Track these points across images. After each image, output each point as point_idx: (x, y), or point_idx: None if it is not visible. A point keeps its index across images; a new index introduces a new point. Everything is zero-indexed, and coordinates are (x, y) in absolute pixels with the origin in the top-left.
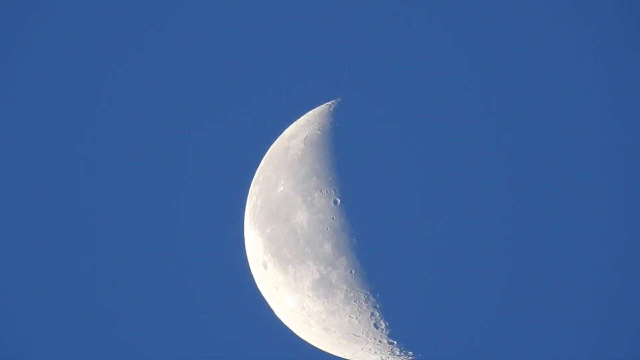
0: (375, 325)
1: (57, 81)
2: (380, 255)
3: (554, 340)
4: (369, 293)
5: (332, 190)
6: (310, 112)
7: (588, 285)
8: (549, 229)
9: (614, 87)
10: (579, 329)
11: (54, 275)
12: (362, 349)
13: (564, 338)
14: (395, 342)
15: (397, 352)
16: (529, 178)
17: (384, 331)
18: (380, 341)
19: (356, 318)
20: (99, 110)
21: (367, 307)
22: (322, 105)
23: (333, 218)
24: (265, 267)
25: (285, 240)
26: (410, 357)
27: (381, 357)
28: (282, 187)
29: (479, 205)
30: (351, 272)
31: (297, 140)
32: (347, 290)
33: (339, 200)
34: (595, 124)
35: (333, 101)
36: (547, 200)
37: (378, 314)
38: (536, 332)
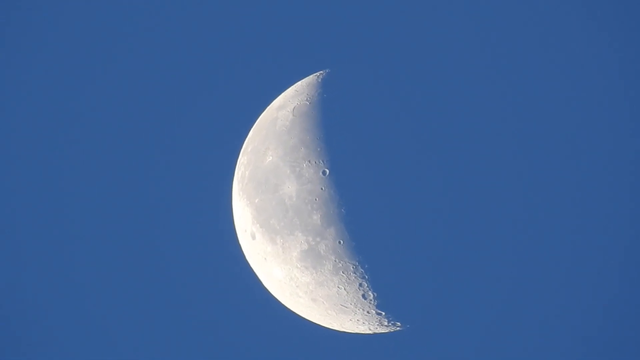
0: (363, 296)
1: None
2: (368, 226)
3: (542, 310)
4: (357, 264)
5: (321, 161)
6: (299, 83)
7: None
8: (534, 203)
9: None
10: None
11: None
12: (350, 320)
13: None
14: (384, 313)
15: (386, 323)
16: (521, 153)
17: (373, 302)
18: (368, 312)
19: (344, 289)
20: (80, 84)
21: (355, 277)
22: (311, 76)
23: (322, 189)
24: (254, 237)
25: (273, 211)
26: (398, 328)
27: (369, 328)
28: (271, 158)
29: (468, 175)
30: (340, 242)
31: (285, 111)
32: (335, 261)
33: (327, 171)
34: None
35: (321, 72)
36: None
37: (366, 285)
38: (524, 301)
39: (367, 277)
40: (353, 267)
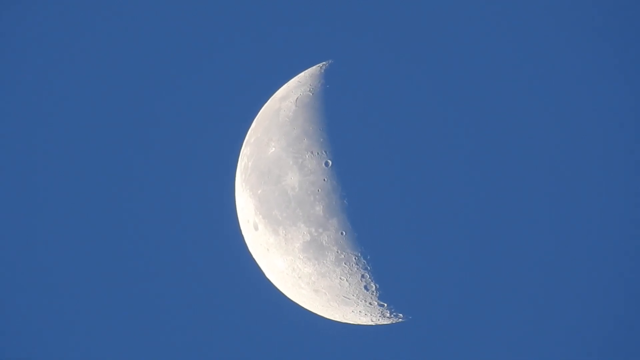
0: (365, 287)
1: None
2: (371, 217)
3: (545, 302)
4: (359, 255)
5: (324, 152)
6: (302, 74)
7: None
8: (537, 195)
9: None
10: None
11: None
12: (352, 311)
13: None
14: (386, 305)
15: (388, 315)
16: (520, 137)
17: (375, 293)
18: (370, 303)
19: (347, 280)
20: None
21: (357, 269)
22: (313, 67)
23: (324, 180)
24: (256, 228)
25: (276, 202)
26: (400, 320)
27: (371, 319)
28: (274, 149)
29: (471, 167)
30: (342, 233)
31: (288, 102)
32: (337, 252)
33: (330, 162)
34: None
35: (324, 63)
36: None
37: (369, 276)
38: (527, 293)
39: (369, 268)
40: (355, 259)
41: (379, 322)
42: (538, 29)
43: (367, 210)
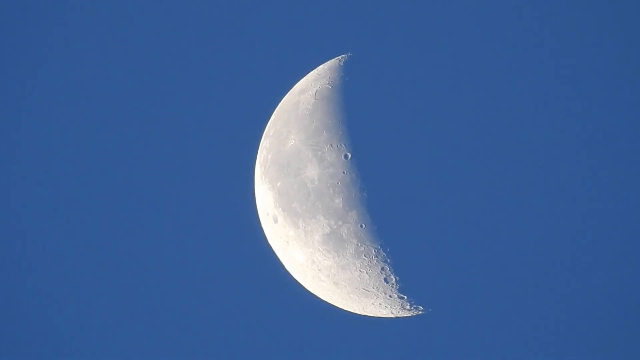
0: (385, 279)
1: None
2: (390, 209)
3: (567, 294)
4: (379, 247)
5: (343, 145)
6: (321, 67)
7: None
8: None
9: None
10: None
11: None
12: (372, 304)
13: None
14: (406, 297)
15: (408, 307)
16: (545, 132)
17: (395, 286)
18: (390, 296)
19: (366, 272)
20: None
21: (377, 261)
22: (333, 60)
23: (343, 172)
24: (276, 221)
25: (295, 195)
26: (420, 312)
27: (391, 312)
28: (293, 142)
29: (491, 156)
30: (361, 226)
31: (307, 95)
32: (357, 244)
33: (349, 155)
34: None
35: (343, 55)
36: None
37: (388, 269)
38: (549, 285)
39: (389, 260)
40: (375, 251)
41: (399, 315)
42: (575, 20)
43: (387, 202)
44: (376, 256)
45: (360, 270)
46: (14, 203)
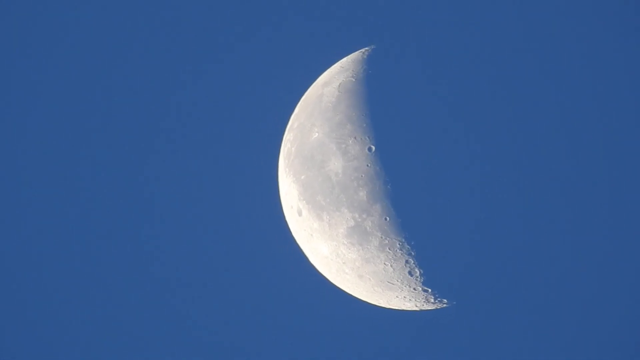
0: (409, 272)
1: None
2: (414, 202)
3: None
4: (403, 240)
5: (367, 138)
6: (344, 59)
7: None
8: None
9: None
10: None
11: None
12: (396, 297)
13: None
14: (430, 290)
15: (432, 300)
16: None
17: (419, 279)
18: (414, 289)
19: (391, 265)
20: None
21: (401, 254)
22: (356, 53)
23: (368, 165)
24: (300, 214)
25: (319, 187)
26: (444, 305)
27: (416, 305)
28: (317, 134)
29: (514, 149)
30: (386, 219)
31: (331, 88)
32: (381, 237)
33: (373, 148)
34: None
35: (367, 48)
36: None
37: (413, 262)
38: (574, 281)
39: (413, 254)
40: (399, 244)
41: (423, 308)
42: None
43: (411, 195)
44: (400, 249)
45: (384, 263)
46: (35, 202)
